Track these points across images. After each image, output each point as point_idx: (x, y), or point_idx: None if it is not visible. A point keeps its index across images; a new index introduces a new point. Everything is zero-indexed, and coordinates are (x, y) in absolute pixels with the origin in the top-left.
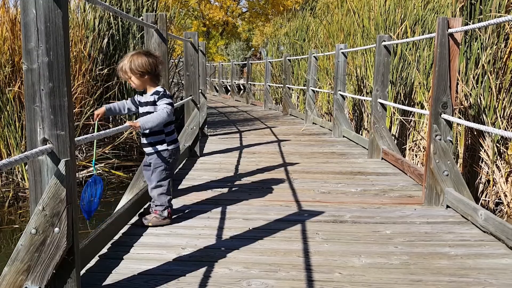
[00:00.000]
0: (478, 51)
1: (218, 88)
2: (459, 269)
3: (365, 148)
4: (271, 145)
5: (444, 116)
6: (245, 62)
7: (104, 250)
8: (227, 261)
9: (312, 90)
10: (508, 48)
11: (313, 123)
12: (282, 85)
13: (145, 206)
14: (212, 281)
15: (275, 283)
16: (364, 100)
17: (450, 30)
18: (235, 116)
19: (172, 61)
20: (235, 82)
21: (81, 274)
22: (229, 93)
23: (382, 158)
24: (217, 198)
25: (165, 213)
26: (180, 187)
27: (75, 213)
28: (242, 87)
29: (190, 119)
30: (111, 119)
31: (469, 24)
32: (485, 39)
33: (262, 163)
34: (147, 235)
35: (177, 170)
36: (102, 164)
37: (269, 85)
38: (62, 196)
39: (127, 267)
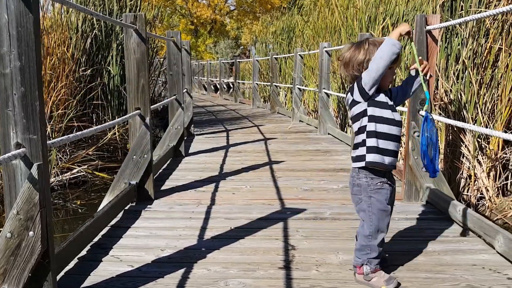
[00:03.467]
0: (459, 47)
1: (206, 87)
2: (436, 265)
3: (349, 145)
4: (258, 144)
5: (422, 113)
6: (234, 61)
7: (83, 252)
8: (206, 262)
9: (299, 88)
10: (488, 43)
11: (300, 121)
12: (269, 84)
13: (126, 207)
14: (190, 282)
15: (253, 282)
16: None
17: (428, 27)
18: (223, 115)
19: (158, 60)
20: (223, 81)
21: (59, 277)
22: (218, 92)
23: None
24: (200, 198)
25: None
26: (163, 188)
27: (49, 216)
28: (231, 86)
29: (174, 118)
30: (94, 120)
31: (450, 21)
32: (466, 35)
33: (248, 162)
34: (126, 237)
35: (160, 170)
36: (85, 166)
37: (257, 84)
38: (36, 200)
39: (105, 269)
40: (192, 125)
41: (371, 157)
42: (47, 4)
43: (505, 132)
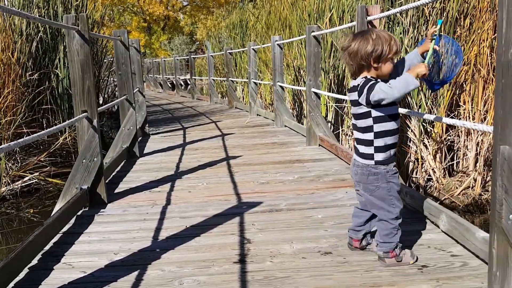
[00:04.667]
0: (401, 35)
1: (162, 85)
2: None
3: (304, 136)
4: (215, 140)
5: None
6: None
7: (34, 261)
8: (160, 262)
9: (254, 82)
10: (429, 30)
11: (257, 114)
12: (225, 79)
13: (77, 213)
14: (143, 284)
15: (207, 279)
16: (302, 90)
17: (369, 18)
18: (180, 112)
19: (108, 60)
20: (179, 78)
21: None
22: (174, 89)
23: (319, 145)
24: (155, 199)
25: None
26: (116, 191)
27: None
28: (188, 83)
29: (126, 119)
30: (45, 125)
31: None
32: (407, 24)
33: (204, 158)
34: (79, 243)
35: (114, 173)
36: (37, 173)
37: (213, 79)
38: None
39: (57, 277)
40: (147, 125)
41: (380, 156)
42: None
43: (448, 115)
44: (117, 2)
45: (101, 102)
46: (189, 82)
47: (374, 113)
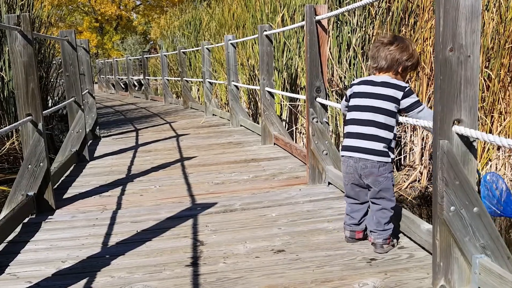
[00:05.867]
0: (349, 34)
1: (115, 85)
2: (335, 242)
3: (260, 135)
4: (169, 141)
5: (318, 100)
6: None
7: None
8: (110, 269)
9: (209, 82)
10: (375, 30)
11: (213, 114)
12: (180, 79)
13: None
14: None
15: (158, 284)
16: (257, 89)
17: (317, 17)
18: (133, 113)
19: (56, 61)
20: (132, 78)
21: None
22: (127, 90)
23: (274, 144)
24: (105, 204)
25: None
26: (65, 196)
27: None
28: (142, 83)
29: (74, 122)
30: None
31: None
32: (354, 23)
33: (158, 160)
34: (25, 252)
35: (63, 178)
36: None
37: (167, 79)
38: None
39: None
40: (98, 127)
41: (393, 156)
42: None
43: None
44: (67, 1)
45: (50, 104)
46: (142, 83)
47: (397, 116)
